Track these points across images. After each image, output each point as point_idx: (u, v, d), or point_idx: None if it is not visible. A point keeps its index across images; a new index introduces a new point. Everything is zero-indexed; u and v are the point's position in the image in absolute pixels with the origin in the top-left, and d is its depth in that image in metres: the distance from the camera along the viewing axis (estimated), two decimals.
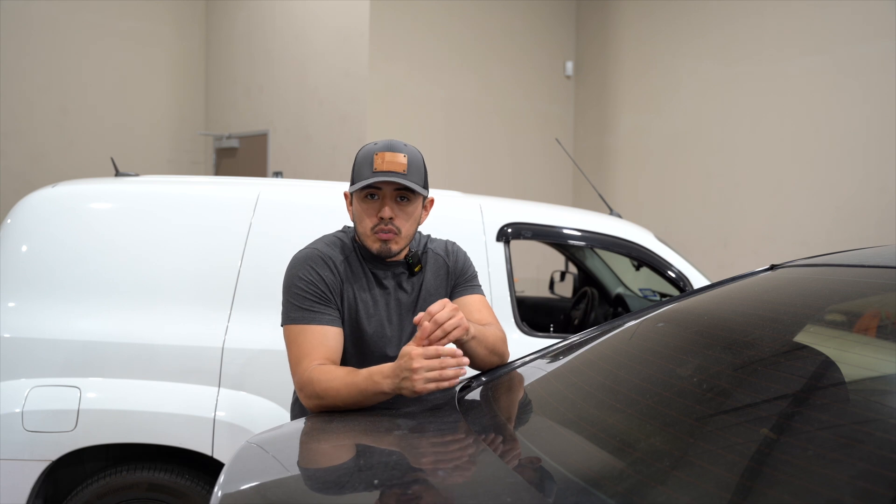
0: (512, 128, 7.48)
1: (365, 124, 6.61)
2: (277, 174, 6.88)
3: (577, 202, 7.59)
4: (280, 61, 7.52)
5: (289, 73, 7.42)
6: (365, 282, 1.87)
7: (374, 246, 1.81)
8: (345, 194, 1.94)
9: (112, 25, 7.70)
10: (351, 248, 1.89)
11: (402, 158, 1.77)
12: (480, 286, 2.01)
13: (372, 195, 1.80)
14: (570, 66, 7.78)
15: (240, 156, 8.05)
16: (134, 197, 2.74)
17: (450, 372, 1.59)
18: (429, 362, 1.58)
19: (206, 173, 8.37)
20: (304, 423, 1.74)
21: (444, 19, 7.06)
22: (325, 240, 1.91)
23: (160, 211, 2.71)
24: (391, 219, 1.79)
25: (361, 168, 1.80)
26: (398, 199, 1.80)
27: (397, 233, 1.80)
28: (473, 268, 2.01)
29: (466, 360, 1.62)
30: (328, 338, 1.78)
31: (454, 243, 2.02)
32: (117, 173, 2.98)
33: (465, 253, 2.02)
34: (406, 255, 1.90)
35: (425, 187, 1.85)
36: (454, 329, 1.63)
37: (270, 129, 7.63)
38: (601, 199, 3.74)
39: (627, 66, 7.32)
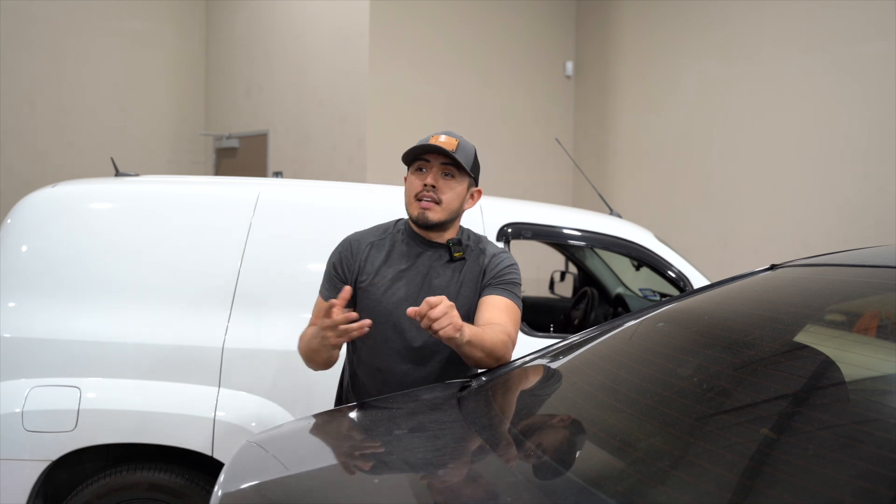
0: (512, 128, 7.48)
1: (365, 124, 6.61)
2: (277, 174, 6.87)
3: (577, 202, 7.59)
4: (280, 61, 7.52)
5: (289, 73, 7.41)
6: (394, 258, 1.99)
7: (415, 213, 1.95)
8: (405, 178, 2.05)
9: (112, 25, 7.69)
10: (393, 231, 2.04)
11: (454, 141, 1.94)
12: (514, 294, 2.00)
13: (421, 168, 1.95)
14: (570, 66, 7.78)
15: (240, 156, 8.05)
16: (134, 197, 2.74)
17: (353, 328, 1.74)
18: (336, 319, 1.73)
19: (206, 173, 8.36)
20: (304, 423, 1.74)
21: (444, 19, 7.06)
22: (376, 226, 2.08)
23: (160, 211, 2.71)
24: (433, 186, 1.91)
25: (412, 149, 1.95)
26: (444, 174, 1.94)
27: (438, 202, 1.93)
28: (513, 276, 2.01)
29: (368, 321, 1.76)
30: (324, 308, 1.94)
31: (507, 252, 2.07)
32: (117, 173, 2.98)
33: (512, 263, 2.04)
34: (448, 240, 1.99)
35: (474, 176, 2.00)
36: (446, 326, 1.67)
37: (270, 129, 7.63)
38: (601, 199, 3.74)
39: (627, 66, 7.32)
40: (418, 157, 1.94)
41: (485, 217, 2.85)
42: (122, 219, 2.68)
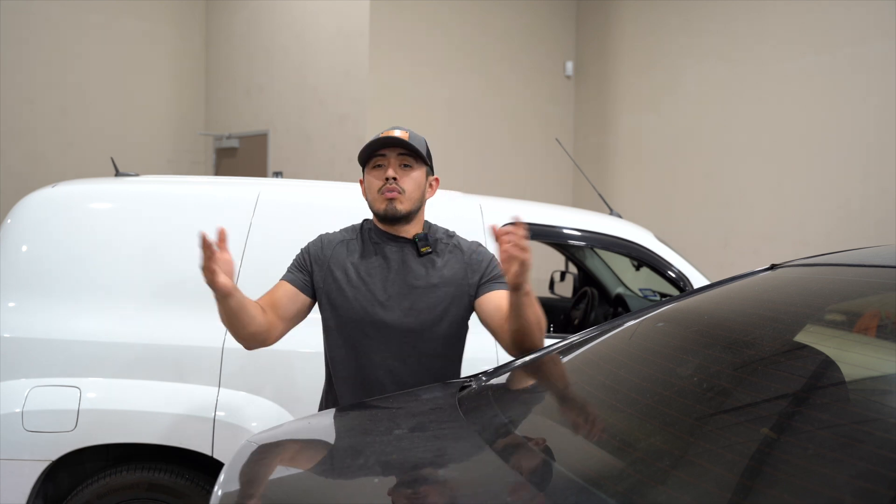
0: (512, 128, 7.48)
1: (365, 124, 6.61)
2: (277, 174, 6.88)
3: (577, 202, 7.59)
4: (280, 61, 7.52)
5: (289, 73, 7.41)
6: (364, 255, 2.01)
7: (381, 206, 1.96)
8: (360, 181, 2.08)
9: (112, 25, 7.70)
10: (359, 231, 2.07)
11: (402, 132, 1.98)
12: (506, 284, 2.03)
13: (379, 165, 1.97)
14: (570, 66, 7.78)
15: (240, 156, 8.05)
16: (134, 197, 2.74)
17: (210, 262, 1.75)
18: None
19: (206, 173, 8.36)
20: (304, 422, 1.74)
21: (445, 19, 7.06)
22: (346, 227, 2.11)
23: (160, 211, 2.71)
24: (395, 179, 1.94)
25: (369, 146, 1.97)
26: (402, 165, 1.97)
27: (401, 192, 1.95)
28: (498, 268, 2.04)
29: (228, 257, 1.81)
30: (277, 289, 2.01)
31: (482, 245, 2.10)
32: (117, 173, 2.98)
33: (492, 255, 2.06)
34: (415, 235, 2.01)
35: (428, 162, 2.02)
36: (524, 253, 1.70)
37: (270, 129, 7.62)
38: (601, 199, 3.74)
39: (627, 66, 7.32)
40: (373, 154, 1.97)
41: (485, 217, 2.85)
42: (122, 219, 2.68)
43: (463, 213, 2.86)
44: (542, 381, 1.79)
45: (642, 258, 3.03)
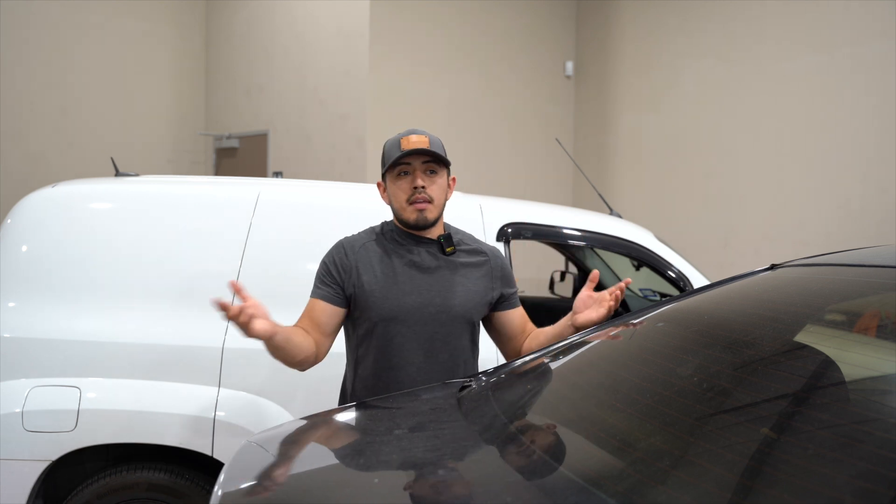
0: (512, 128, 7.47)
1: (365, 124, 6.60)
2: (277, 174, 6.88)
3: (577, 202, 7.59)
4: (280, 61, 7.52)
5: (289, 73, 7.41)
6: (390, 256, 2.03)
7: (412, 217, 1.99)
8: (378, 184, 2.10)
9: (112, 25, 7.69)
10: (380, 232, 2.08)
11: (424, 138, 1.99)
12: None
13: (405, 172, 1.99)
14: (570, 66, 7.78)
15: (240, 156, 8.05)
16: (134, 197, 2.74)
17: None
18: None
19: (206, 173, 8.36)
20: (304, 423, 1.74)
21: (445, 19, 7.06)
22: (364, 230, 2.12)
23: (160, 211, 2.70)
24: (423, 187, 1.97)
25: (391, 152, 2.00)
26: (427, 172, 2.00)
27: (430, 201, 1.99)
28: (513, 278, 2.19)
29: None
30: (314, 309, 2.01)
31: (497, 248, 2.19)
32: (117, 173, 2.98)
33: (508, 264, 2.19)
34: (439, 235, 2.05)
35: (448, 164, 2.05)
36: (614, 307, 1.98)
37: (270, 129, 7.62)
38: (601, 199, 3.74)
39: (627, 66, 7.32)
40: (397, 162, 1.98)
41: (485, 217, 2.85)
42: (122, 219, 2.68)
43: (463, 213, 2.86)
44: (542, 381, 1.79)
45: (642, 258, 3.03)
